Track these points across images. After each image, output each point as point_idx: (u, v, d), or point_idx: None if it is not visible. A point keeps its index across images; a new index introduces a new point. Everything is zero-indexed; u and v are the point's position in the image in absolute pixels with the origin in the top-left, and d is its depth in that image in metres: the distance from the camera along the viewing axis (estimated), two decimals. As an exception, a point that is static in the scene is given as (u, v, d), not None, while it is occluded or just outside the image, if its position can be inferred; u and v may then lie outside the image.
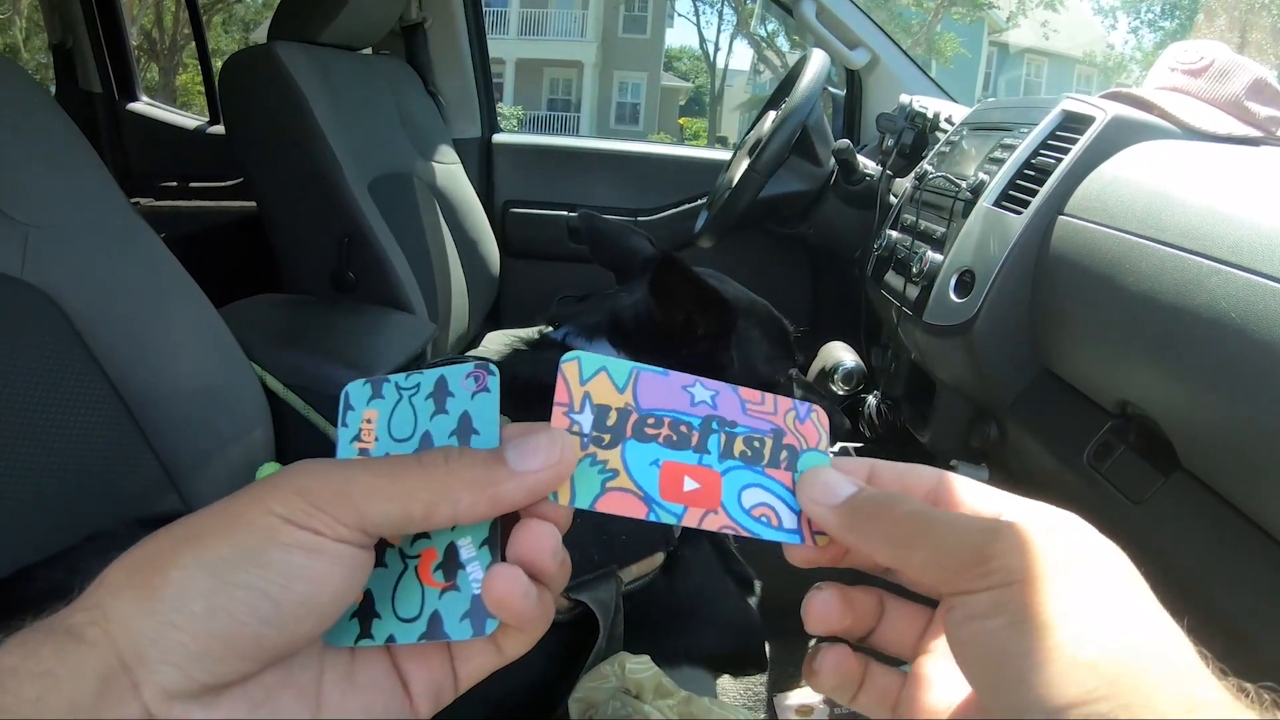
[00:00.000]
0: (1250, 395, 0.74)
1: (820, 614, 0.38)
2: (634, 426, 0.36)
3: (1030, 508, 0.35)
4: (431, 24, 2.34)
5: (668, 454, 0.36)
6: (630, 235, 1.23)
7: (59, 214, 0.97)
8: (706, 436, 0.37)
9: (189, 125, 2.72)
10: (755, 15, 18.16)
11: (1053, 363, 1.10)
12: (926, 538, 0.33)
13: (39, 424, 0.89)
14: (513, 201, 2.51)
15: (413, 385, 0.37)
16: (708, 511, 0.35)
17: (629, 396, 0.36)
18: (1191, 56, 1.22)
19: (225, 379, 1.16)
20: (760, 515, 0.36)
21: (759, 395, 0.39)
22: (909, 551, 0.34)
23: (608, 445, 0.35)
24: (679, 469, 0.36)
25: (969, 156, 1.35)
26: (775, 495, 0.37)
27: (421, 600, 0.34)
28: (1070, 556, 0.31)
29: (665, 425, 0.36)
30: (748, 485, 0.37)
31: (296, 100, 1.63)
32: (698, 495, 0.36)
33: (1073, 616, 0.29)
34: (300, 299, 1.77)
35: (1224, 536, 0.79)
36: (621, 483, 0.35)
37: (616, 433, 0.35)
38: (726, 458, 0.37)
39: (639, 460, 0.35)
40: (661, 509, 0.35)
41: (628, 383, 0.36)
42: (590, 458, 0.35)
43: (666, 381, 0.37)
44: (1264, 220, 0.78)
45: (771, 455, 0.38)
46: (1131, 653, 0.29)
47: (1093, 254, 0.98)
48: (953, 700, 0.35)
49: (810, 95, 1.70)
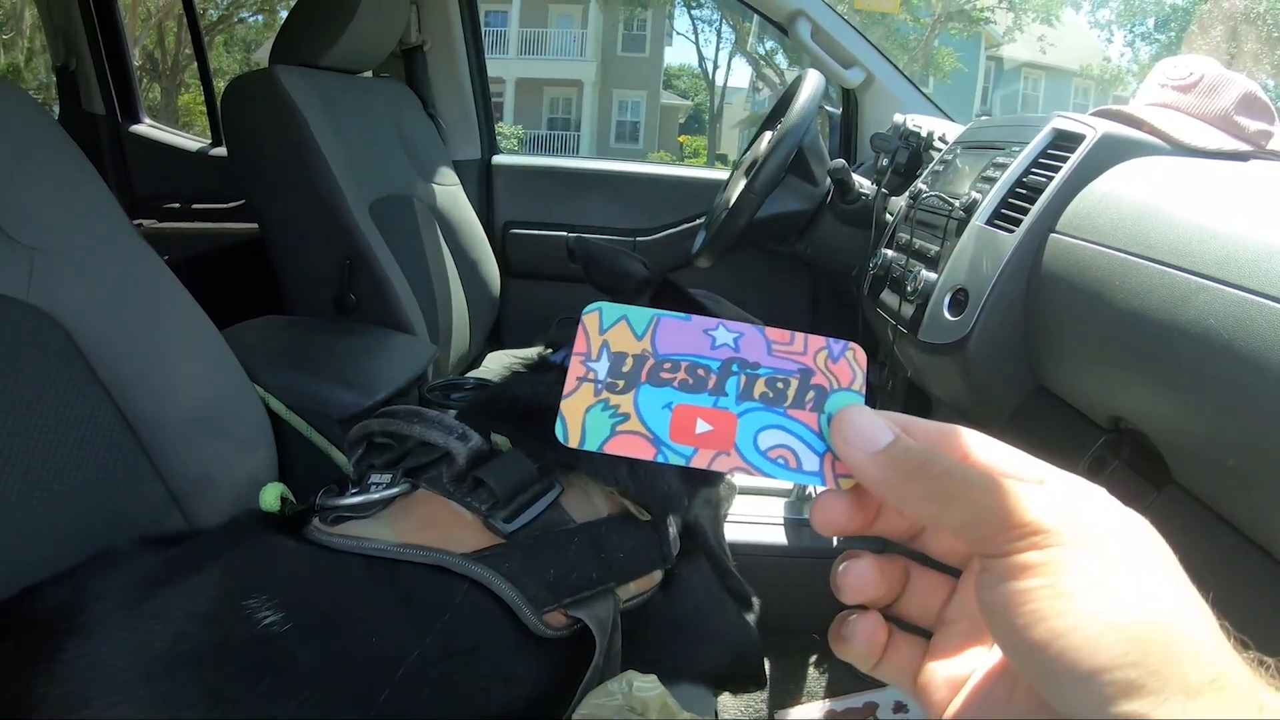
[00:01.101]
0: (1238, 410, 0.75)
1: (856, 584, 0.37)
2: (649, 371, 0.36)
3: (1065, 476, 0.35)
4: (431, 47, 2.36)
5: (682, 397, 0.36)
6: (623, 258, 1.24)
7: (63, 237, 0.98)
8: (725, 379, 0.37)
9: (191, 147, 2.74)
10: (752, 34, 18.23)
11: (1046, 379, 1.11)
12: (966, 497, 0.33)
13: (44, 445, 0.90)
14: (513, 222, 2.52)
15: None
16: (719, 453, 0.35)
17: (647, 343, 0.37)
18: (1181, 72, 1.23)
19: (228, 400, 1.17)
20: (777, 457, 0.36)
21: (788, 335, 0.38)
22: (948, 509, 0.33)
23: (621, 390, 0.36)
24: (692, 411, 0.36)
25: (962, 175, 1.37)
26: (796, 436, 0.36)
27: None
28: (1106, 525, 0.31)
29: (681, 369, 0.36)
30: (766, 427, 0.36)
31: (297, 124, 1.64)
32: (710, 437, 0.36)
33: (1107, 583, 0.30)
34: (302, 320, 1.78)
35: (1216, 550, 0.80)
36: (631, 425, 0.35)
37: (631, 378, 0.36)
38: (745, 399, 0.37)
39: (651, 404, 0.36)
40: (670, 450, 0.35)
41: (647, 329, 0.37)
42: (603, 403, 0.35)
43: (688, 326, 0.37)
44: (1250, 235, 0.79)
45: (796, 396, 0.37)
46: (1161, 622, 0.29)
47: (1084, 272, 0.99)
48: (975, 670, 0.35)
49: (805, 116, 1.72)
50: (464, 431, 0.87)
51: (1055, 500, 0.32)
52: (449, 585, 0.80)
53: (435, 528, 0.83)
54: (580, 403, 0.35)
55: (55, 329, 0.94)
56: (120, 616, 0.75)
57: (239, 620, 0.74)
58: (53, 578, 0.81)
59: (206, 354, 1.15)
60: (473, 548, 0.82)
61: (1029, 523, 0.31)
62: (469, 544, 0.82)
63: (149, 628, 0.73)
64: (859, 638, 0.38)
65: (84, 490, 0.94)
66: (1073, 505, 0.32)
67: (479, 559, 0.81)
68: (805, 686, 1.48)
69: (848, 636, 0.38)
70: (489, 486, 0.83)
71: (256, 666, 0.72)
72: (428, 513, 0.84)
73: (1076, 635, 0.29)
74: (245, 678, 0.71)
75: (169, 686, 0.70)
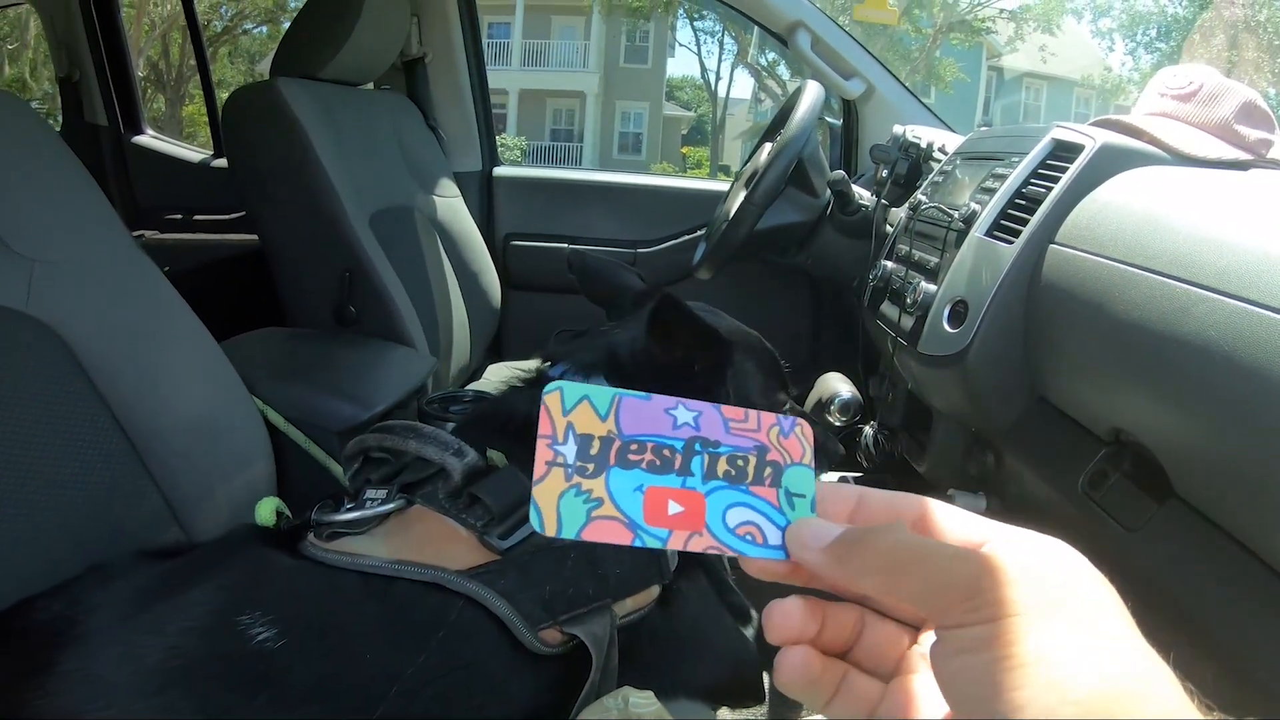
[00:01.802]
0: (1239, 422, 0.75)
1: (778, 623, 0.37)
2: (617, 454, 0.36)
3: (1019, 536, 0.34)
4: (432, 59, 2.36)
5: (651, 479, 0.36)
6: (620, 271, 1.24)
7: (63, 249, 0.98)
8: (690, 458, 0.37)
9: (193, 158, 2.75)
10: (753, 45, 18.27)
11: (1047, 391, 1.10)
12: (917, 568, 0.33)
13: (42, 456, 0.90)
14: (513, 234, 2.52)
15: None
16: (693, 533, 0.36)
17: (611, 424, 0.37)
18: (1180, 81, 1.23)
19: (227, 413, 1.16)
20: (745, 534, 0.37)
21: (742, 413, 0.39)
22: (899, 580, 0.34)
23: (592, 474, 0.36)
24: (663, 493, 0.36)
25: (962, 186, 1.36)
26: (760, 513, 0.37)
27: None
28: (1059, 591, 0.31)
29: (648, 450, 0.37)
30: (732, 505, 0.37)
31: (298, 135, 1.65)
32: (682, 518, 0.36)
33: (1060, 653, 0.29)
34: (302, 333, 1.78)
35: (1218, 563, 0.79)
36: (606, 510, 0.35)
37: (600, 461, 0.36)
38: (710, 478, 0.37)
39: (623, 487, 0.36)
40: (647, 534, 0.35)
41: (610, 410, 0.37)
42: (575, 488, 0.35)
43: (649, 406, 0.38)
44: (1250, 245, 0.78)
45: (756, 473, 0.38)
46: (1118, 690, 0.29)
47: (1083, 283, 0.98)
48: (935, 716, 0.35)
49: (805, 127, 1.72)
50: (460, 447, 0.87)
51: (1009, 568, 0.32)
52: (444, 602, 0.80)
53: (430, 544, 0.83)
54: (553, 488, 0.35)
55: (54, 340, 0.94)
56: (115, 630, 0.75)
57: (233, 636, 0.74)
58: (48, 590, 0.81)
59: (205, 366, 1.15)
60: (468, 564, 0.81)
61: (979, 594, 0.31)
62: (464, 560, 0.82)
63: (143, 642, 0.73)
64: (786, 668, 0.38)
65: (81, 501, 0.94)
66: (1027, 572, 0.32)
67: (474, 576, 0.81)
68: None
69: (777, 667, 0.38)
70: (484, 503, 0.83)
71: (250, 682, 0.72)
72: (423, 529, 0.84)
73: (1035, 708, 0.29)
74: (239, 693, 0.71)
75: (162, 701, 0.70)
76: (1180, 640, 0.87)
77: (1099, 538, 0.94)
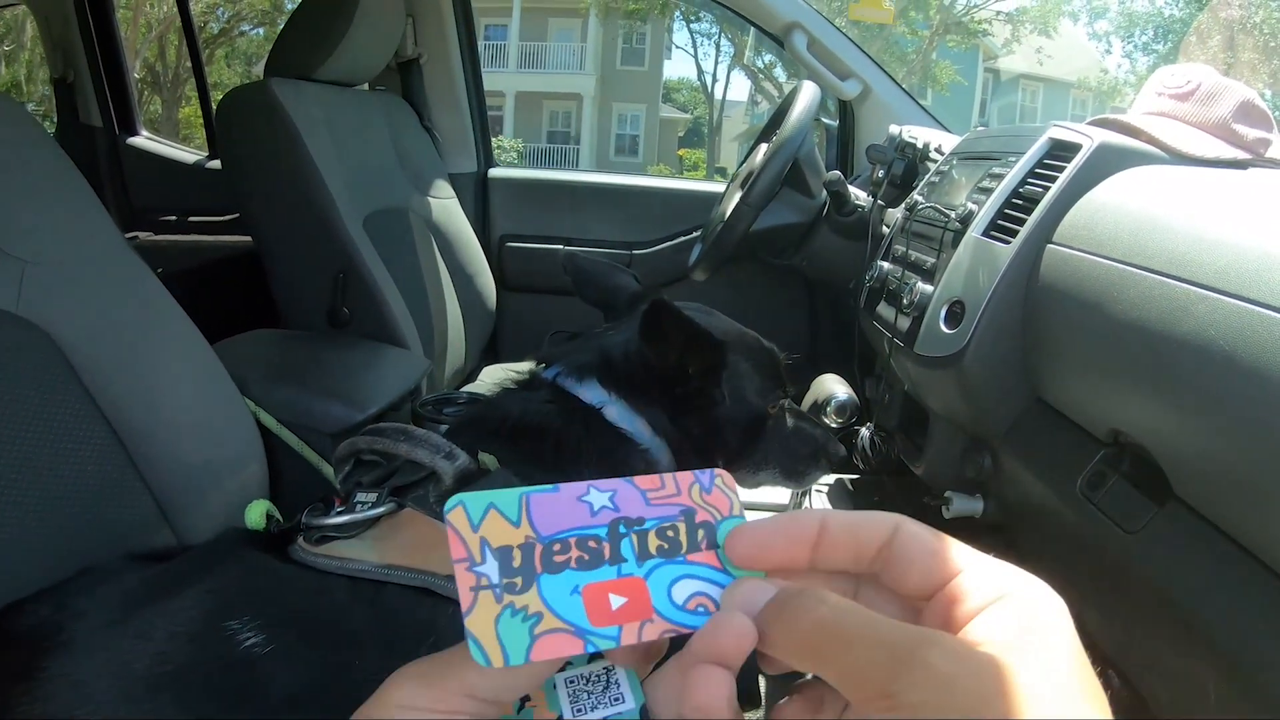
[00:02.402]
0: (1239, 422, 0.74)
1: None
2: (542, 558, 0.33)
3: (983, 576, 0.32)
4: (427, 60, 2.36)
5: (585, 576, 0.34)
6: (614, 273, 1.23)
7: (54, 249, 0.98)
8: (618, 543, 0.35)
9: (188, 160, 2.75)
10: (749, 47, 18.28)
11: (1045, 392, 1.10)
12: (835, 653, 0.30)
13: (33, 458, 0.90)
14: (509, 236, 2.51)
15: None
16: (644, 622, 0.33)
17: (526, 528, 0.34)
18: (1178, 80, 1.22)
19: (219, 414, 1.16)
20: (696, 606, 0.34)
21: (658, 479, 0.37)
22: (819, 666, 0.31)
23: (522, 589, 0.33)
24: (601, 588, 0.34)
25: (958, 186, 1.36)
26: (704, 580, 0.35)
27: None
28: (985, 692, 0.28)
29: (573, 546, 0.34)
30: (675, 580, 0.35)
31: (291, 136, 1.64)
32: (628, 609, 0.33)
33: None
34: (295, 334, 1.77)
35: (1219, 566, 0.78)
36: (549, 624, 0.32)
37: (526, 572, 0.33)
38: (645, 559, 0.35)
39: (558, 593, 0.33)
40: (597, 637, 0.33)
41: (520, 513, 0.34)
42: (509, 608, 0.32)
43: (559, 498, 0.35)
44: (1249, 245, 0.78)
45: (689, 539, 0.36)
46: None
47: (1081, 283, 0.98)
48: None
49: (800, 128, 1.71)
50: (451, 450, 0.86)
51: (929, 669, 0.28)
52: (434, 607, 0.79)
53: (420, 549, 0.82)
54: (485, 615, 0.32)
55: (45, 341, 0.94)
56: (102, 636, 0.74)
57: (221, 641, 0.73)
58: (36, 594, 0.80)
59: (197, 367, 1.14)
60: (459, 569, 0.81)
61: (895, 694, 0.28)
62: (454, 565, 0.81)
63: (131, 647, 0.73)
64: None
65: (72, 503, 0.93)
66: (953, 669, 0.28)
67: (465, 580, 0.80)
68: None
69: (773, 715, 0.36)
70: None
71: (237, 688, 0.71)
72: (413, 533, 0.83)
73: None
74: (226, 700, 0.71)
75: (150, 707, 0.69)
76: (1181, 643, 0.86)
77: (1098, 540, 0.93)
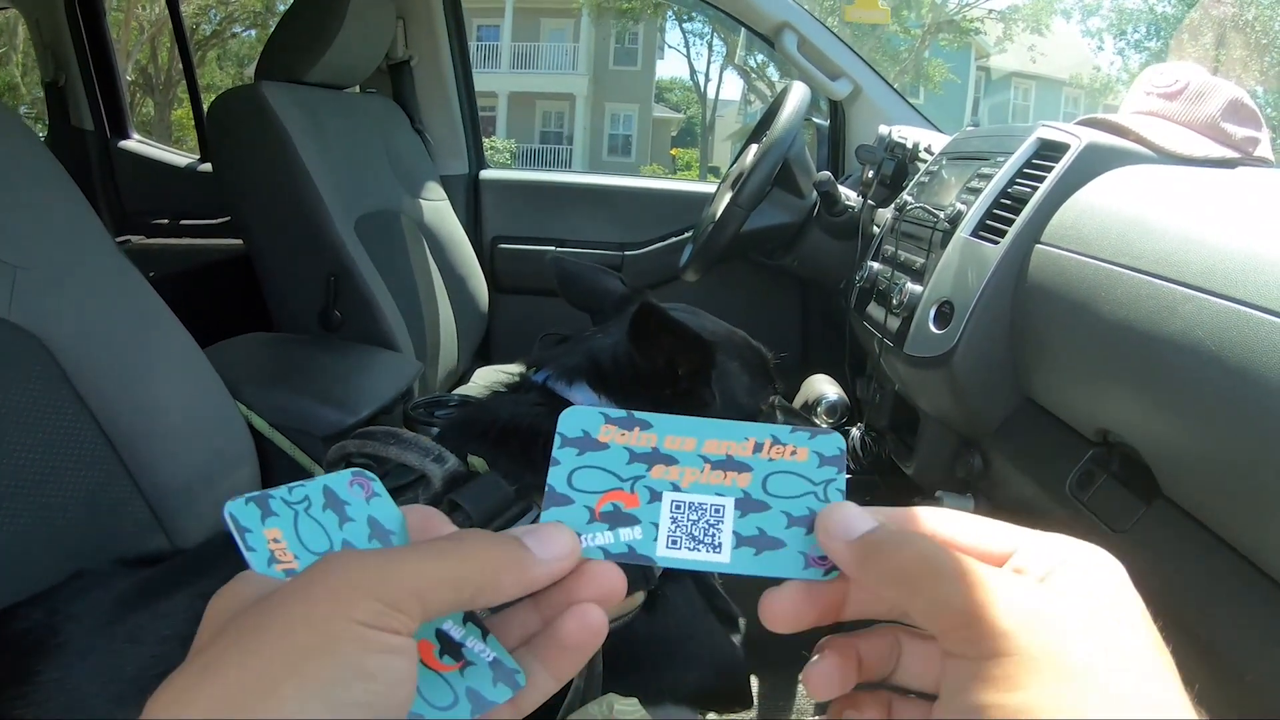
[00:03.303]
0: (1225, 421, 0.75)
1: (819, 685, 0.36)
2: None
3: (1044, 543, 0.34)
4: (418, 62, 2.36)
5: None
6: (600, 275, 1.24)
7: (45, 255, 0.97)
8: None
9: (180, 163, 2.75)
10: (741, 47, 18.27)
11: (1034, 392, 1.10)
12: (928, 585, 0.31)
13: (24, 462, 0.90)
14: (501, 237, 2.51)
15: (301, 499, 0.36)
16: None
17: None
18: (1167, 80, 1.23)
19: (211, 419, 1.16)
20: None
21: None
22: (909, 595, 0.32)
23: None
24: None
25: (948, 186, 1.36)
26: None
27: (449, 686, 0.33)
28: (1082, 621, 0.29)
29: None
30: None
31: (282, 140, 1.64)
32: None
33: (1077, 703, 0.27)
34: (287, 338, 1.77)
35: (1207, 564, 0.79)
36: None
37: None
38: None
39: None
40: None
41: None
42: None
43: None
44: (1236, 244, 0.78)
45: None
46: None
47: (1069, 283, 0.98)
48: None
49: (790, 128, 1.71)
50: (440, 453, 0.86)
51: (1023, 597, 0.30)
52: None
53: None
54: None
55: (36, 346, 0.94)
56: (94, 639, 0.74)
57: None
58: (29, 598, 0.80)
59: (189, 371, 1.14)
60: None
61: (992, 625, 0.29)
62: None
63: (122, 651, 0.73)
64: (812, 680, 0.36)
65: (64, 508, 0.93)
66: (1042, 602, 0.30)
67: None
68: (795, 704, 1.47)
69: (804, 678, 0.36)
70: (464, 509, 0.82)
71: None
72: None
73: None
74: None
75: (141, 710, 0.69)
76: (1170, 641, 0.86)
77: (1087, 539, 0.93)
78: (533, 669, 0.34)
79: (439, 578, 0.31)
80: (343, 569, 0.30)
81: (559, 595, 0.35)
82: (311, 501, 0.36)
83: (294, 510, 0.35)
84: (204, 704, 0.27)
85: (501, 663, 0.34)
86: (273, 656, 0.27)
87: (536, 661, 0.35)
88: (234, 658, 0.28)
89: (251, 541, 0.34)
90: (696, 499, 0.36)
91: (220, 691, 0.27)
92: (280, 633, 0.28)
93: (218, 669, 0.27)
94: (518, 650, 0.35)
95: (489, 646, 0.34)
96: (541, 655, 0.35)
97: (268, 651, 0.27)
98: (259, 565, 0.33)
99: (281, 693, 0.26)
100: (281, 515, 0.35)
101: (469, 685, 0.33)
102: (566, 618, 0.34)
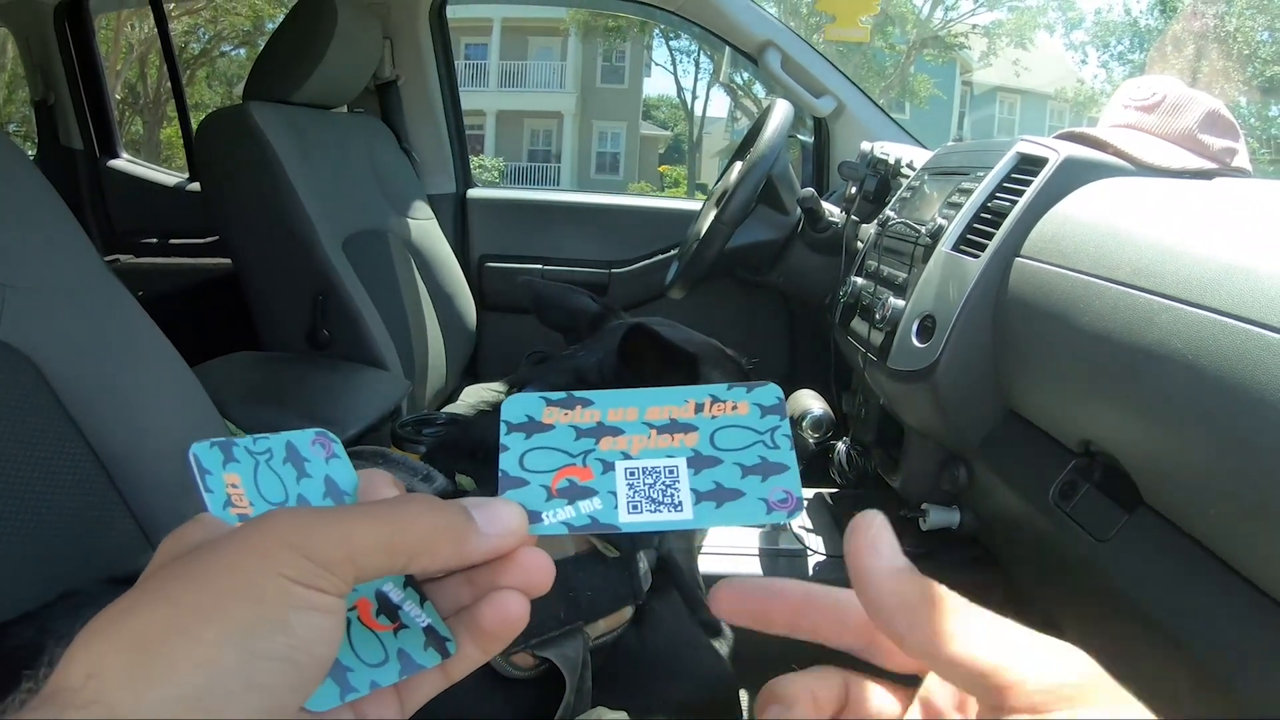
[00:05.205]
0: (1203, 429, 0.75)
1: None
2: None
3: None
4: (405, 82, 2.37)
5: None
6: (573, 295, 1.25)
7: (34, 273, 0.97)
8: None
9: (168, 182, 2.74)
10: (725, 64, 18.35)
11: (1016, 404, 1.11)
12: (974, 638, 0.29)
13: (13, 481, 0.89)
14: (488, 256, 2.52)
15: (264, 450, 0.36)
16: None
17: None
18: (1144, 93, 1.24)
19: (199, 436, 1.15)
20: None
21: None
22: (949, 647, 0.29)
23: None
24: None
25: (929, 201, 1.37)
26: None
27: (381, 645, 0.34)
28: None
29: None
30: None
31: (269, 159, 1.65)
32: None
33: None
34: (275, 356, 1.77)
35: (1188, 571, 0.80)
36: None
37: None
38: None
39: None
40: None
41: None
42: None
43: None
44: (1211, 254, 0.79)
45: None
46: None
47: (1048, 295, 0.99)
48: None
49: (774, 145, 1.73)
50: (428, 473, 0.87)
51: (1065, 659, 0.28)
52: None
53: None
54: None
55: (25, 365, 0.94)
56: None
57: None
58: (18, 617, 0.80)
59: (177, 390, 1.14)
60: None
61: (1050, 675, 0.27)
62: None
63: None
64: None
65: (54, 527, 0.93)
66: (1081, 665, 0.28)
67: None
68: (785, 717, 1.46)
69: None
70: None
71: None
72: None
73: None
74: None
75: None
76: (1152, 648, 0.87)
77: (1071, 549, 0.94)
78: (462, 640, 0.35)
79: (373, 542, 0.31)
80: (278, 524, 0.30)
81: (487, 575, 0.35)
82: (274, 454, 0.36)
83: (255, 459, 0.36)
84: (123, 638, 0.27)
85: (435, 629, 0.34)
86: (196, 601, 0.27)
87: (466, 634, 0.35)
88: (160, 597, 0.28)
89: (210, 484, 0.35)
90: (649, 463, 0.36)
91: (140, 627, 0.27)
92: (208, 578, 0.28)
93: (142, 606, 0.28)
94: (450, 619, 0.35)
95: (425, 613, 0.35)
96: (469, 629, 0.35)
97: (191, 595, 0.28)
98: (215, 507, 0.34)
99: (199, 634, 0.26)
100: (243, 462, 0.36)
101: (401, 646, 0.34)
102: (485, 603, 0.34)
